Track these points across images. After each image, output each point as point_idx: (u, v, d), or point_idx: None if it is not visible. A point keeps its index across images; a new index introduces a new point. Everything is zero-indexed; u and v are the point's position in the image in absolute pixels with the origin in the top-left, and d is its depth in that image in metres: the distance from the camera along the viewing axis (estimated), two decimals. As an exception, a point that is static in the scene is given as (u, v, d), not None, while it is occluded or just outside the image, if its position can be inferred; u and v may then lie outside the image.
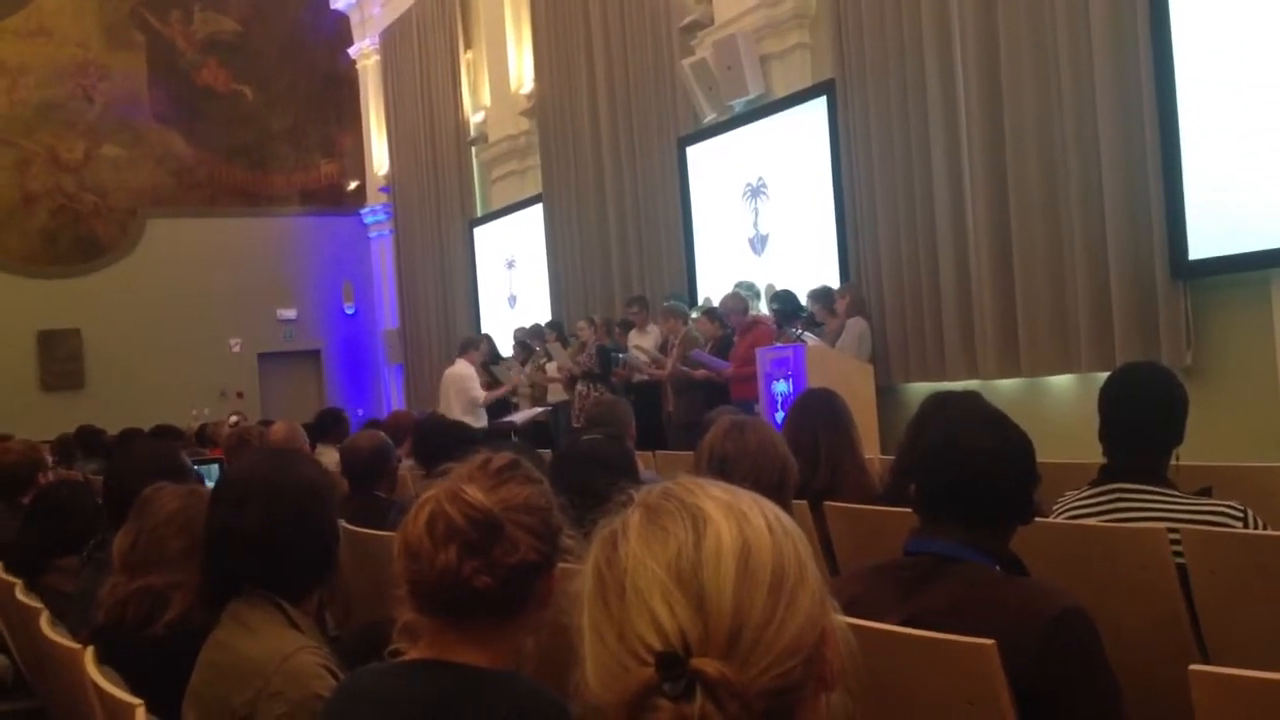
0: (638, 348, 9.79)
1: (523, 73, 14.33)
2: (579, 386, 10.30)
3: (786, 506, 2.05)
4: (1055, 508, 3.00)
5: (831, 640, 0.98)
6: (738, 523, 0.97)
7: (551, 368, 11.05)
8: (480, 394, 10.61)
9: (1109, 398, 2.94)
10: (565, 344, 11.01)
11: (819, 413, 3.90)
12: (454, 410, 10.14)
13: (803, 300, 8.65)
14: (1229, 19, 6.30)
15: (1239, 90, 6.24)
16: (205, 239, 17.60)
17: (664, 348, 9.56)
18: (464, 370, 10.62)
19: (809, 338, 7.95)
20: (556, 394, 11.02)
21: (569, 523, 1.79)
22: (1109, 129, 6.78)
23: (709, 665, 0.90)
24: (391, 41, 17.45)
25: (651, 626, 0.92)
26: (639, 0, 11.38)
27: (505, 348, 12.67)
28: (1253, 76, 6.17)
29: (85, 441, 9.48)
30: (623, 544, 0.98)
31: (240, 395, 17.30)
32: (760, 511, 1.00)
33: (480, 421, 10.48)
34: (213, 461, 6.56)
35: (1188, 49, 6.44)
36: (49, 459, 6.76)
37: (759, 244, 10.02)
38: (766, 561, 0.95)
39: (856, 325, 8.26)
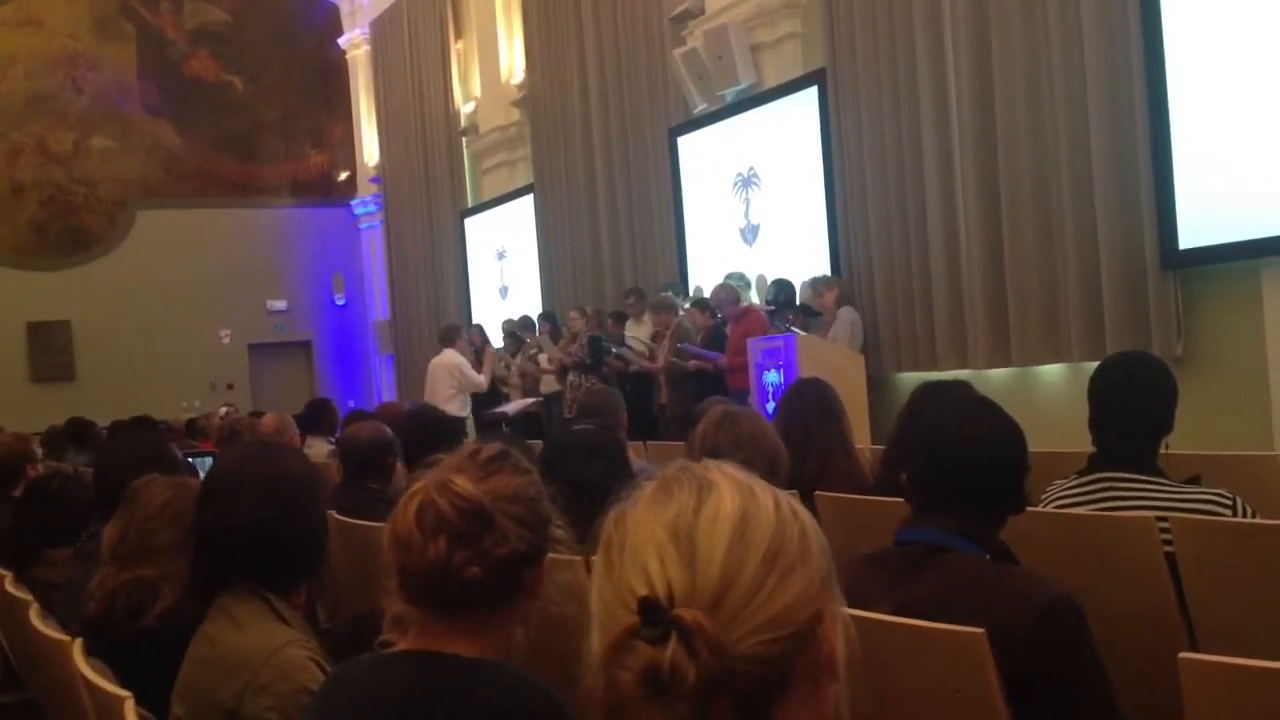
0: (636, 338, 9.80)
1: (513, 63, 14.30)
2: (571, 377, 10.30)
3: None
4: (1044, 497, 3.00)
5: (830, 623, 0.99)
6: (742, 495, 1.00)
7: (543, 359, 11.05)
8: (481, 379, 10.64)
9: (1099, 387, 2.95)
10: (557, 335, 11.01)
11: (810, 403, 3.91)
12: (442, 398, 10.15)
13: (799, 288, 8.67)
14: (1219, 8, 6.30)
15: (1229, 80, 6.24)
16: (195, 230, 17.53)
17: (656, 339, 9.57)
18: (454, 358, 10.62)
19: (797, 330, 7.95)
20: (548, 385, 11.02)
21: (559, 513, 1.79)
22: (1100, 118, 6.78)
23: (687, 613, 0.92)
24: (381, 31, 17.40)
25: (641, 577, 0.95)
26: (630, -10, 11.38)
27: (496, 338, 12.65)
28: (1243, 67, 6.17)
29: (75, 433, 9.43)
30: (631, 509, 1.01)
31: (230, 387, 17.25)
32: (772, 494, 1.02)
33: (465, 411, 10.51)
34: (205, 454, 6.56)
35: (1178, 39, 6.44)
36: (39, 451, 6.74)
37: (750, 234, 10.01)
38: (765, 533, 0.98)
39: (847, 315, 8.26)
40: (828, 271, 8.84)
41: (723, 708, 0.91)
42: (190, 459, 5.41)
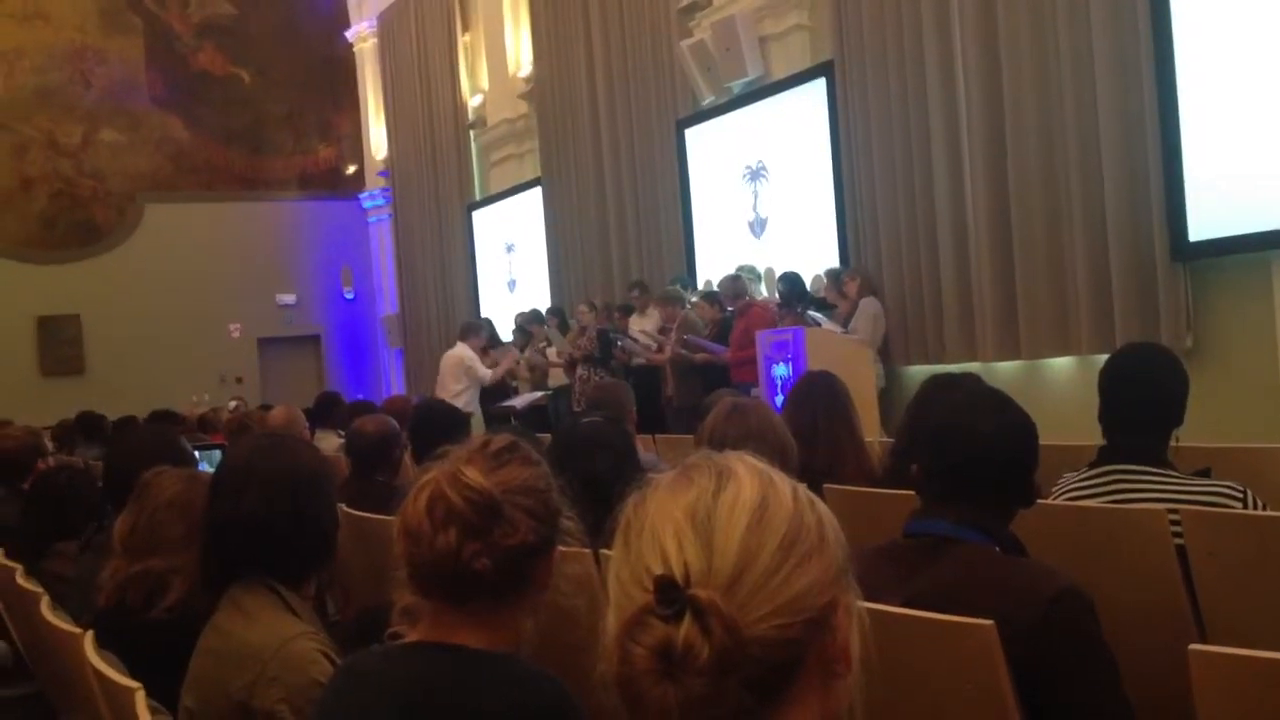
0: (643, 332, 9.79)
1: (521, 56, 14.29)
2: (579, 370, 10.30)
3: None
4: (1054, 489, 3.00)
5: (844, 614, 1.01)
6: (762, 483, 1.02)
7: (552, 352, 11.06)
8: (487, 372, 10.65)
9: (1109, 379, 2.94)
10: (565, 328, 11.01)
11: (818, 395, 3.90)
12: (449, 392, 10.17)
13: (811, 282, 8.65)
14: (1230, -1, 6.29)
15: (1239, 71, 6.21)
16: (204, 224, 17.57)
17: (664, 332, 9.56)
18: (464, 353, 10.65)
19: (817, 318, 7.94)
20: (557, 378, 11.03)
21: (568, 505, 1.79)
22: (1109, 110, 6.76)
23: (703, 592, 0.93)
24: (389, 24, 17.40)
25: (658, 557, 0.97)
26: (637, -18, 11.36)
27: (505, 332, 12.66)
28: (1253, 58, 6.15)
29: (85, 427, 9.47)
30: (651, 494, 1.03)
31: (240, 380, 17.30)
32: (790, 484, 1.04)
33: (473, 406, 10.53)
34: (214, 447, 6.56)
35: (1188, 29, 6.42)
36: (49, 444, 6.76)
37: (758, 227, 10.00)
38: (783, 520, 0.99)
39: (870, 305, 8.24)
40: (836, 264, 8.83)
41: (734, 689, 0.92)
42: (199, 452, 5.42)
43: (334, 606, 3.45)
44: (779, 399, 6.92)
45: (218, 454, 5.74)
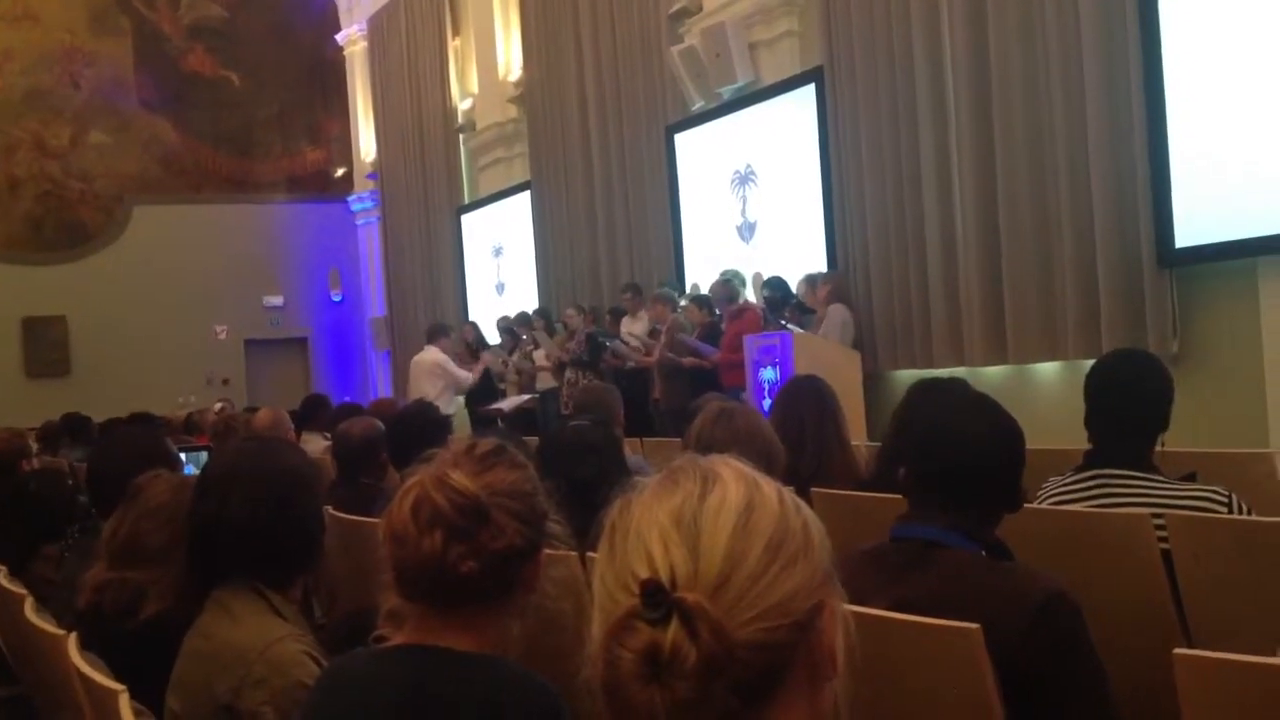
0: (630, 334, 9.80)
1: (510, 60, 14.29)
2: (568, 374, 10.30)
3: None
4: (1040, 493, 3.00)
5: (830, 617, 1.00)
6: (747, 486, 1.01)
7: (539, 355, 11.05)
8: (467, 375, 10.61)
9: (1095, 385, 2.95)
10: (552, 331, 11.00)
11: (806, 399, 3.91)
12: (428, 397, 10.14)
13: (794, 287, 8.66)
14: (1217, 5, 6.30)
15: (1226, 78, 6.24)
16: (192, 226, 17.50)
17: (654, 334, 9.57)
18: (436, 356, 10.60)
19: (791, 328, 7.95)
20: (545, 381, 11.02)
21: (554, 508, 1.79)
22: (1096, 117, 6.79)
23: (689, 595, 0.93)
24: (379, 27, 17.38)
25: (644, 560, 0.96)
26: (627, -13, 11.37)
27: (492, 335, 12.65)
28: (1240, 64, 6.17)
29: (71, 428, 9.42)
30: (637, 498, 1.02)
31: (226, 382, 17.24)
32: (776, 487, 1.04)
33: (450, 409, 10.50)
34: (201, 449, 6.54)
35: (1175, 36, 6.44)
36: (34, 446, 6.73)
37: (747, 231, 10.01)
38: (768, 523, 0.99)
39: (838, 312, 8.26)
40: (825, 268, 8.84)
41: (721, 692, 0.92)
42: (185, 454, 5.40)
43: (320, 609, 3.44)
44: (766, 403, 6.93)
45: (203, 455, 5.72)
